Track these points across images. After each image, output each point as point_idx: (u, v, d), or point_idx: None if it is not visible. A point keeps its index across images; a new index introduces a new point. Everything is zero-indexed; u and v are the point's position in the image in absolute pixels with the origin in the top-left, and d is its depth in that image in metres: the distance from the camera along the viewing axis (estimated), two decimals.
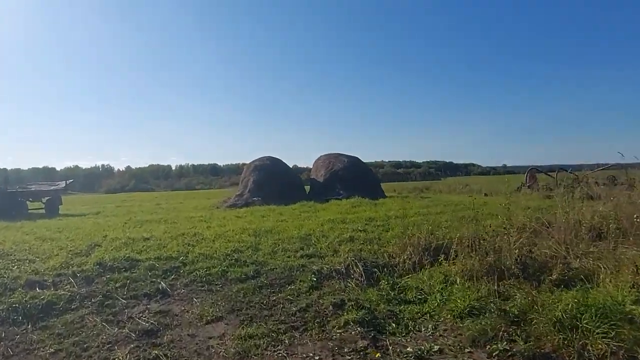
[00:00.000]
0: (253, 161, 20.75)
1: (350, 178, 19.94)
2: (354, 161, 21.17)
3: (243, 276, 6.41)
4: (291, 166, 26.66)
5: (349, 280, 6.30)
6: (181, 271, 6.72)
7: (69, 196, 44.31)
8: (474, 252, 6.19)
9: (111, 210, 20.48)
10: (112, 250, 7.94)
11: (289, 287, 6.07)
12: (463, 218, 10.56)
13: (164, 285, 6.09)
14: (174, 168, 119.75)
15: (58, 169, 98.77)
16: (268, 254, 7.65)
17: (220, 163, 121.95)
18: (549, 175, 25.16)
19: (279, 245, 8.23)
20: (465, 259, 6.17)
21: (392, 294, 5.72)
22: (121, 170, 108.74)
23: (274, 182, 19.23)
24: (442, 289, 5.63)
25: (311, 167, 23.94)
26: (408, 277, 6.51)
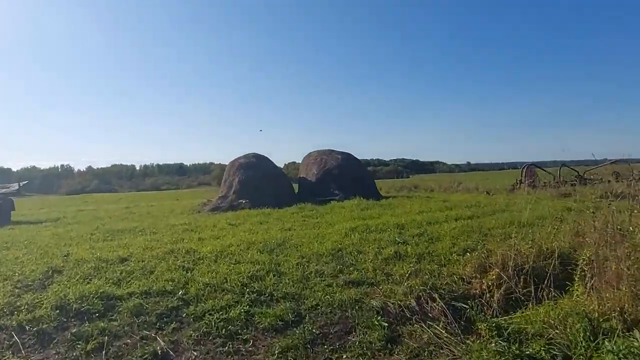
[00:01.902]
0: (237, 159, 18.43)
1: (346, 176, 18.00)
2: (348, 158, 19.22)
3: (279, 322, 4.36)
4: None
5: (432, 324, 4.38)
6: (184, 315, 4.60)
7: (25, 198, 40.39)
8: (615, 280, 4.39)
9: (73, 215, 17.66)
10: (77, 280, 5.70)
11: (352, 339, 4.11)
12: (512, 223, 8.85)
13: (162, 344, 3.96)
14: (138, 168, 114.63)
15: (14, 169, 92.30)
16: (298, 282, 5.61)
17: (187, 162, 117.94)
18: (545, 171, 24.09)
19: (307, 267, 6.20)
20: (604, 289, 4.36)
21: (507, 346, 3.85)
22: (82, 170, 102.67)
23: (261, 182, 17.02)
24: (586, 338, 3.78)
25: (287, 163, 21.87)
26: (513, 316, 4.66)
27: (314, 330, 4.21)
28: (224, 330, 4.20)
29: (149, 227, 11.15)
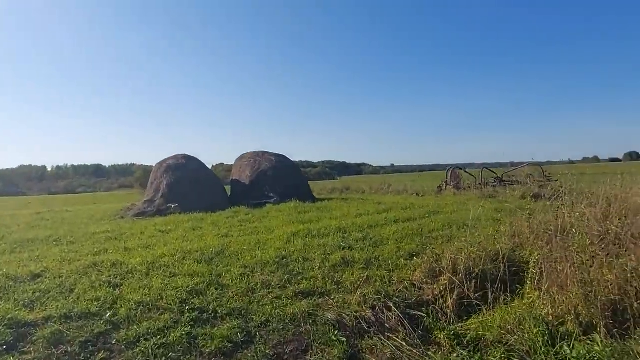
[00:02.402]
0: (165, 160, 17.24)
1: (280, 179, 17.53)
2: (283, 160, 18.77)
3: (227, 344, 3.91)
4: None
5: (391, 336, 4.18)
6: (114, 341, 3.97)
7: None
8: (566, 282, 4.44)
9: None
10: None
11: (309, 358, 3.76)
12: (450, 225, 9.04)
13: None
14: (49, 169, 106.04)
15: None
16: (244, 295, 5.16)
17: (106, 163, 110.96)
18: (468, 173, 25.38)
19: (251, 278, 5.75)
20: (556, 292, 4.40)
21: (468, 356, 3.76)
22: None
23: (192, 184, 16.05)
24: (545, 343, 3.77)
25: (215, 165, 20.99)
26: (469, 323, 4.59)
27: (266, 351, 3.81)
28: (163, 357, 3.66)
29: (65, 236, 9.97)
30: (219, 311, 4.66)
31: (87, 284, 5.48)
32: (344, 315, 4.61)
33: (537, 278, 4.88)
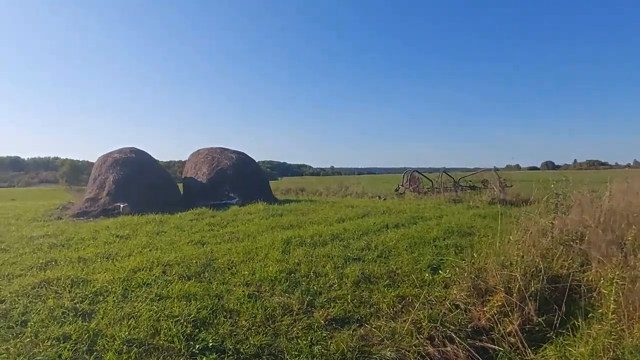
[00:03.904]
0: (110, 153, 15.18)
1: (242, 178, 16.14)
2: (244, 158, 17.33)
3: None
4: None
5: None
6: None
7: None
8: None
9: None
10: None
11: None
12: (450, 232, 8.38)
13: None
14: None
15: None
16: (263, 325, 4.02)
17: (25, 156, 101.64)
18: (425, 177, 25.34)
19: (263, 301, 4.60)
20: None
21: None
22: None
23: (143, 181, 14.22)
24: None
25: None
26: (544, 353, 3.85)
27: None
28: None
29: None
30: (242, 350, 3.51)
31: (43, 314, 4.05)
32: (404, 351, 3.65)
33: (611, 301, 4.19)
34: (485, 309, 4.66)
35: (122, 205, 12.97)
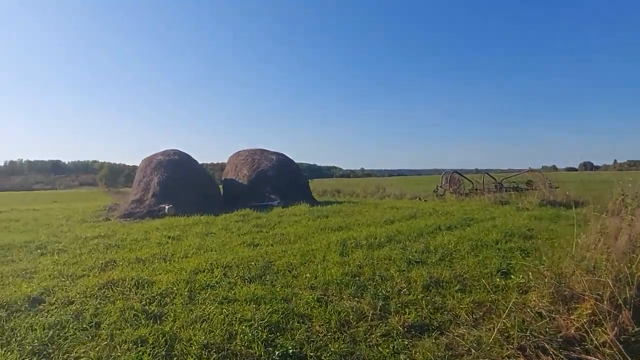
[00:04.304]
0: (154, 155, 15.43)
1: (282, 179, 16.09)
2: (283, 159, 17.31)
3: None
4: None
5: None
6: None
7: None
8: None
9: None
10: None
11: None
12: (513, 234, 7.98)
13: None
14: (2, 164, 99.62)
15: None
16: (339, 331, 3.81)
17: (65, 160, 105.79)
18: (466, 178, 24.67)
19: (333, 305, 4.39)
20: None
21: None
22: None
23: (186, 183, 14.36)
24: None
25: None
26: None
27: None
28: None
29: (50, 242, 8.25)
30: (324, 358, 3.31)
31: (115, 315, 3.98)
32: None
33: None
34: (572, 317, 4.29)
35: (166, 207, 13.11)
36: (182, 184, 14.28)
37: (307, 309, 4.25)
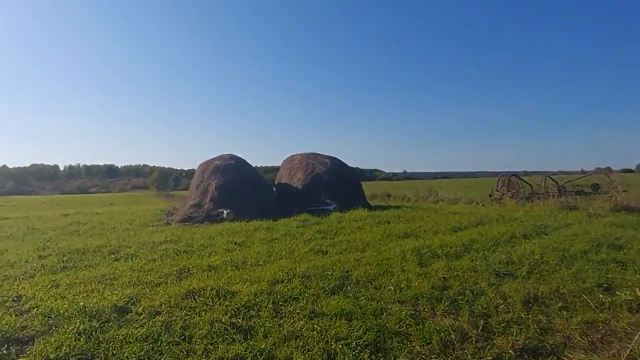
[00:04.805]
0: (211, 160, 15.68)
1: (337, 184, 15.89)
2: (338, 163, 17.13)
3: None
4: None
5: None
6: None
7: None
8: None
9: None
10: None
11: None
12: (598, 243, 7.36)
13: None
14: (62, 168, 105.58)
15: None
16: (442, 353, 3.51)
17: (118, 164, 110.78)
18: (524, 181, 23.52)
19: (435, 322, 4.08)
20: None
21: None
22: None
23: (243, 188, 14.45)
24: None
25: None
26: None
27: None
28: None
29: (120, 246, 8.40)
30: None
31: (204, 328, 3.86)
32: None
33: None
34: None
35: (225, 212, 13.20)
36: (238, 189, 14.37)
37: (402, 326, 3.97)
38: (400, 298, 4.71)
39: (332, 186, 15.72)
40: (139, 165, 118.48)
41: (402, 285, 5.12)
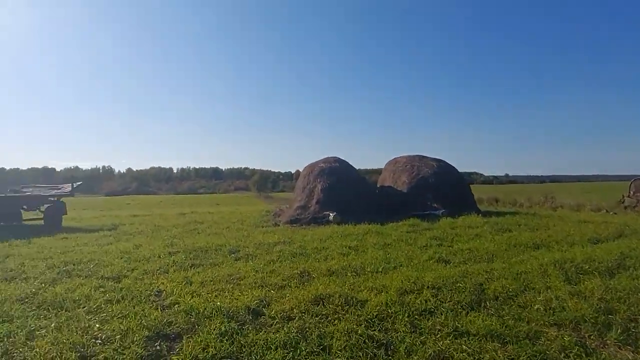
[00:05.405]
0: (316, 163, 15.87)
1: (444, 187, 15.12)
2: (445, 166, 16.34)
3: None
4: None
5: None
6: None
7: (69, 198, 38.89)
8: None
9: (129, 221, 15.65)
10: None
11: None
12: None
13: None
14: (175, 171, 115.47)
15: (58, 169, 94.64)
16: None
17: (222, 167, 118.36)
18: None
19: (598, 354, 3.45)
20: None
21: None
22: (122, 172, 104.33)
23: (348, 191, 14.36)
24: None
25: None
26: None
27: None
28: None
29: (238, 246, 8.70)
30: None
31: (341, 339, 3.65)
32: None
33: None
34: None
35: (331, 215, 13.19)
36: (343, 192, 14.30)
37: (567, 355, 3.40)
38: (555, 320, 4.09)
39: (439, 190, 14.96)
40: (241, 168, 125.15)
41: (553, 305, 4.48)
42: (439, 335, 3.75)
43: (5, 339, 3.75)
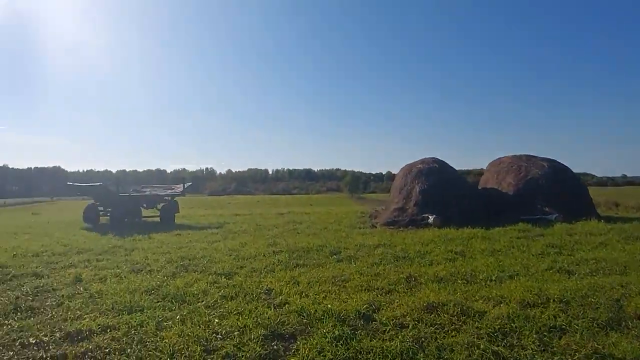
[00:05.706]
0: (414, 164, 15.47)
1: (557, 190, 13.81)
2: (557, 166, 14.94)
3: None
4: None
5: None
6: None
7: (177, 198, 42.48)
8: None
9: (232, 219, 16.60)
10: None
11: None
12: None
13: None
14: (270, 172, 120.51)
15: (168, 171, 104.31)
16: None
17: (315, 168, 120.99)
18: None
19: None
20: None
21: None
22: (222, 173, 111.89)
23: (447, 192, 13.75)
24: None
25: None
26: None
27: None
28: None
29: (339, 247, 8.72)
30: None
31: (462, 352, 3.42)
32: None
33: None
34: None
35: (431, 217, 12.72)
36: (442, 193, 13.73)
37: None
38: None
39: (551, 193, 13.69)
40: (333, 169, 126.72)
41: None
42: (576, 357, 3.34)
43: (139, 328, 4.08)
